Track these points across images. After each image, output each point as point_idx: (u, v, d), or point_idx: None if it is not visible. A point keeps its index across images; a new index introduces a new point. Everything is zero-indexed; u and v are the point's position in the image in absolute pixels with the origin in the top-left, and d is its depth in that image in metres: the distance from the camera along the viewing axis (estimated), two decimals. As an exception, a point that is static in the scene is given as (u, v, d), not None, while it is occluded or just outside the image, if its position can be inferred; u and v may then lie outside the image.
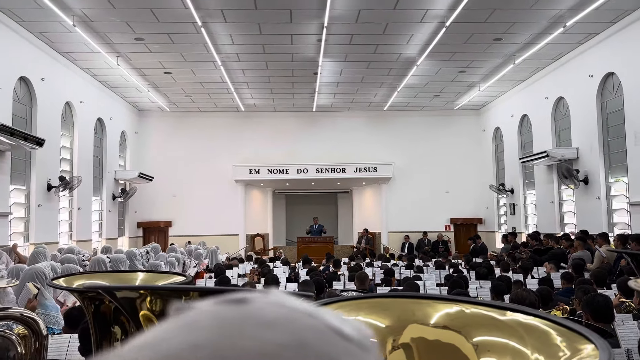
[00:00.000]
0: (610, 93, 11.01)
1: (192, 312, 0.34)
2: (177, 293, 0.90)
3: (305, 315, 0.33)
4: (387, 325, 0.70)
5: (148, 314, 0.88)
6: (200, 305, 0.34)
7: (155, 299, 0.88)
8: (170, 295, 0.90)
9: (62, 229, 12.39)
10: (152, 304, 0.88)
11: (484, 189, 17.17)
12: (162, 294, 0.90)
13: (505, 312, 0.65)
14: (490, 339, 0.63)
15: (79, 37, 10.43)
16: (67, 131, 12.68)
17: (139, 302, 0.89)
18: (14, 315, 2.05)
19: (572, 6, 9.34)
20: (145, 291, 0.90)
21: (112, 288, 1.00)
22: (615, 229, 10.77)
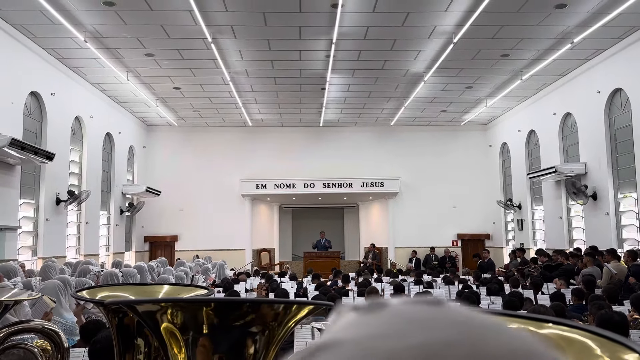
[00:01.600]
0: (618, 109, 11.01)
1: (398, 311, 0.33)
2: (198, 305, 0.90)
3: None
4: None
5: (170, 327, 0.89)
6: (402, 305, 0.34)
7: (176, 312, 0.88)
8: (191, 307, 0.90)
9: (70, 243, 12.42)
10: (173, 317, 0.88)
11: (491, 204, 17.11)
12: (183, 306, 0.90)
13: (544, 324, 0.62)
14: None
15: (89, 52, 10.55)
16: (76, 145, 12.77)
17: (160, 314, 0.90)
18: (35, 327, 2.06)
19: (580, 23, 9.39)
20: (167, 304, 0.91)
21: (134, 302, 1.00)
22: (625, 245, 10.69)
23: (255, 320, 0.85)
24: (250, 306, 0.85)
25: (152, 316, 0.88)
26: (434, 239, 17.18)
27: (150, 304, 0.88)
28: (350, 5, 8.66)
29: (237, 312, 0.84)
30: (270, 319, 0.86)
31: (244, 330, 0.85)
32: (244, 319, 0.84)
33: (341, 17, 8.97)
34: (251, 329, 0.86)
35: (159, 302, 0.89)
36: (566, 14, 9.04)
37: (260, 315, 0.85)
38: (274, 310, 0.86)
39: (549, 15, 9.06)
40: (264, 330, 0.86)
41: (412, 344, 0.29)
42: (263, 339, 0.87)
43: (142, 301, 0.98)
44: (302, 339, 4.18)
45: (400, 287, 8.00)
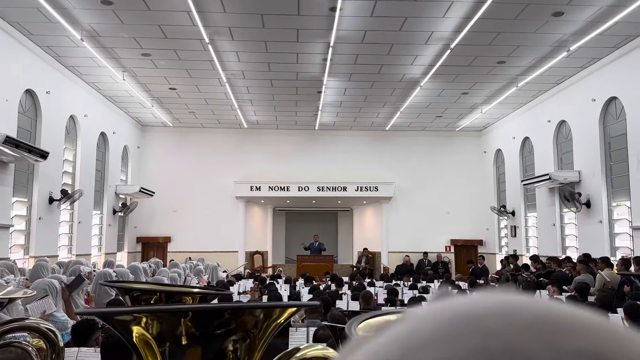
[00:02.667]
0: (613, 117, 11.07)
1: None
2: (175, 314, 0.85)
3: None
4: None
5: (146, 336, 0.84)
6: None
7: (152, 321, 0.84)
8: (168, 317, 0.85)
9: (62, 243, 12.33)
10: (148, 327, 0.84)
11: (485, 210, 17.16)
12: (160, 316, 0.86)
13: None
14: None
15: (86, 51, 10.50)
16: (70, 144, 12.69)
17: (134, 324, 0.84)
18: (31, 325, 2.02)
19: (576, 31, 9.45)
20: (140, 314, 0.86)
21: (110, 313, 0.95)
22: (618, 253, 10.74)
23: (236, 327, 0.81)
24: (231, 313, 0.81)
25: (125, 325, 0.83)
26: (427, 244, 17.19)
27: (126, 314, 0.84)
28: (349, 9, 8.67)
29: (217, 319, 0.80)
30: (252, 324, 0.82)
31: (224, 337, 0.81)
32: (225, 327, 0.81)
33: (339, 20, 8.98)
34: (232, 337, 0.82)
35: (132, 312, 0.84)
36: (563, 22, 9.10)
37: (241, 321, 0.82)
38: (255, 316, 0.83)
39: (545, 23, 9.11)
40: (245, 337, 0.82)
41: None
42: (245, 345, 0.83)
43: (119, 312, 0.93)
44: (296, 342, 4.16)
45: (394, 291, 7.99)
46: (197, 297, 1.39)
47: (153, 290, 1.42)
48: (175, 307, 1.03)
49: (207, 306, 0.86)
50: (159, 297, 1.42)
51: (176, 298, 1.40)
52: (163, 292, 1.41)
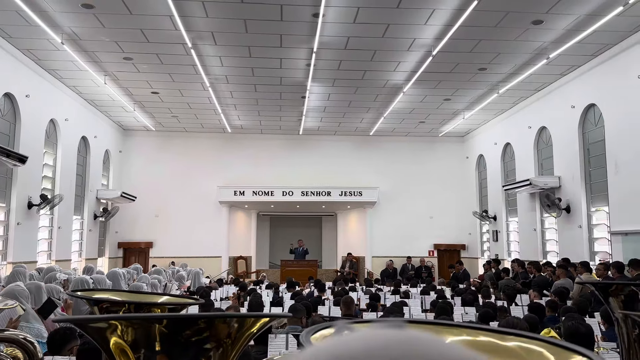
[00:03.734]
0: (592, 124, 11.25)
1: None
2: (150, 322, 0.86)
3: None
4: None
5: (121, 344, 0.85)
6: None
7: (127, 329, 0.84)
8: (143, 324, 0.86)
9: (42, 248, 12.15)
10: (124, 334, 0.84)
11: (467, 215, 17.30)
12: (135, 323, 0.86)
13: (506, 336, 0.69)
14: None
15: (66, 54, 10.39)
16: (50, 149, 12.53)
17: (110, 332, 0.85)
18: (11, 337, 1.99)
19: (556, 39, 9.60)
20: (116, 321, 0.86)
21: (84, 320, 0.95)
22: (597, 258, 10.90)
23: (209, 335, 0.82)
24: (205, 322, 0.82)
25: (101, 333, 0.83)
26: (410, 248, 17.27)
27: (102, 321, 0.84)
28: (332, 16, 8.71)
29: (191, 328, 0.81)
30: (225, 333, 0.83)
31: (199, 346, 0.82)
32: (199, 335, 0.81)
33: (322, 26, 9.01)
34: (206, 345, 0.82)
35: (108, 319, 0.85)
36: (542, 30, 9.23)
37: (215, 330, 0.83)
38: (229, 325, 0.84)
39: (525, 30, 9.24)
40: (218, 346, 0.83)
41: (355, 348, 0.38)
42: (218, 354, 0.84)
43: (94, 319, 0.93)
44: (275, 349, 4.15)
45: (376, 297, 8.01)
46: (167, 309, 1.39)
47: (122, 302, 1.40)
48: (150, 315, 1.03)
49: (181, 315, 0.87)
50: (128, 308, 1.41)
51: (145, 310, 1.39)
52: (132, 304, 1.40)
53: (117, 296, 1.46)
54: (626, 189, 9.80)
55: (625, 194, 9.84)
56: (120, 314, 1.41)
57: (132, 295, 1.46)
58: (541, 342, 0.66)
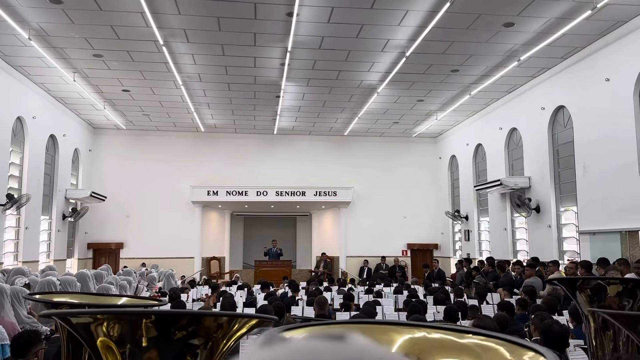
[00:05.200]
0: (561, 125, 11.49)
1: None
2: (137, 317, 0.85)
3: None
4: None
5: (106, 340, 0.84)
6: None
7: (113, 324, 0.83)
8: (130, 319, 0.85)
9: (8, 249, 11.81)
10: (110, 329, 0.83)
11: (440, 215, 17.48)
12: (122, 318, 0.85)
13: (464, 334, 0.72)
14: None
15: (34, 51, 10.13)
16: (17, 147, 12.20)
17: (96, 327, 0.84)
18: None
19: (526, 41, 9.76)
20: (103, 316, 0.85)
21: (70, 313, 0.93)
22: (565, 257, 11.13)
23: (197, 333, 0.81)
24: (192, 319, 0.81)
25: (87, 328, 0.83)
26: (384, 248, 17.37)
27: (87, 315, 0.83)
28: (306, 15, 8.68)
29: (178, 325, 0.80)
30: (214, 332, 0.83)
31: (184, 343, 0.81)
32: (186, 332, 0.81)
33: (296, 26, 8.98)
34: (192, 342, 0.82)
35: (96, 313, 0.83)
36: (513, 33, 9.38)
37: (203, 328, 0.82)
38: (218, 324, 0.83)
39: (497, 33, 9.38)
40: (206, 344, 0.83)
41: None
42: (205, 353, 0.83)
43: (81, 312, 0.92)
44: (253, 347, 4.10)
45: (350, 297, 8.02)
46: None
47: (81, 305, 1.36)
48: (138, 310, 1.02)
49: (168, 311, 0.86)
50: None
51: None
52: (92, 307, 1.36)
53: (78, 299, 1.41)
54: (594, 189, 10.03)
55: (593, 194, 10.07)
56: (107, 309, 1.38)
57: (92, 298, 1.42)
58: (497, 340, 0.69)
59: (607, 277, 5.28)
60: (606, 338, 1.19)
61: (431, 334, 0.74)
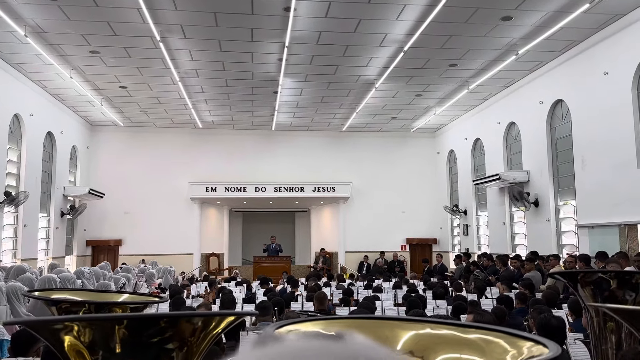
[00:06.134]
0: (560, 119, 11.48)
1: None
2: (109, 322, 0.82)
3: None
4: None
5: (78, 346, 0.80)
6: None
7: (84, 330, 0.80)
8: (102, 325, 0.81)
9: (6, 247, 11.79)
10: (80, 335, 0.80)
11: (438, 209, 17.49)
12: (93, 324, 0.82)
13: (468, 329, 0.74)
14: (453, 355, 0.72)
15: (30, 48, 10.08)
16: (14, 144, 12.16)
17: (65, 333, 0.80)
18: None
19: (524, 35, 9.74)
20: (71, 322, 0.81)
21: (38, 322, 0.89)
22: (564, 250, 11.14)
23: (173, 335, 0.79)
24: (168, 322, 0.78)
25: (56, 334, 0.79)
26: (383, 243, 17.38)
27: (58, 323, 0.79)
28: (303, 10, 8.65)
29: (153, 328, 0.77)
30: (189, 333, 0.80)
31: (160, 346, 0.78)
32: (161, 335, 0.78)
33: (294, 21, 8.94)
34: (169, 345, 0.79)
35: (64, 321, 0.80)
36: (511, 27, 9.36)
37: (178, 330, 0.79)
38: (193, 324, 0.80)
39: (495, 27, 9.35)
40: (182, 346, 0.80)
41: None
42: (181, 355, 0.80)
43: (49, 321, 0.88)
44: (247, 346, 4.10)
45: (349, 292, 8.02)
46: (128, 308, 1.34)
47: (81, 302, 1.35)
48: (109, 315, 0.98)
49: (141, 315, 0.82)
50: (88, 308, 1.35)
51: (106, 310, 1.34)
52: (92, 304, 1.35)
53: (77, 296, 1.40)
54: (593, 183, 10.03)
55: (591, 188, 10.07)
56: (80, 314, 1.36)
57: (92, 295, 1.41)
58: (499, 333, 0.71)
59: (608, 270, 5.28)
60: (608, 331, 1.18)
61: (435, 329, 0.74)
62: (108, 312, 1.35)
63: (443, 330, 0.74)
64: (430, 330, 0.75)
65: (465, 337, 0.72)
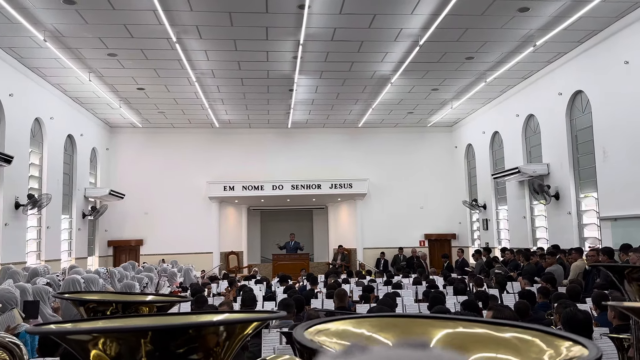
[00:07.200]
0: (579, 110, 11.31)
1: None
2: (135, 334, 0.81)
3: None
4: (393, 342, 0.74)
5: (103, 357, 0.80)
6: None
7: (110, 342, 0.79)
8: (127, 337, 0.80)
9: (30, 249, 12.02)
10: (105, 347, 0.79)
11: (457, 204, 17.36)
12: (118, 336, 0.80)
13: (502, 327, 0.72)
14: (488, 355, 0.70)
15: (49, 52, 10.24)
16: (36, 148, 12.37)
17: (92, 344, 0.79)
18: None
19: (542, 26, 9.61)
20: (99, 334, 0.80)
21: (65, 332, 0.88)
22: (586, 243, 10.99)
23: (199, 345, 0.78)
24: (194, 330, 0.77)
25: (83, 346, 0.78)
26: (401, 239, 17.32)
27: (84, 334, 0.79)
28: (317, 7, 8.64)
29: (179, 338, 0.77)
30: (214, 342, 0.79)
31: (186, 356, 0.77)
32: (187, 345, 0.77)
33: (308, 18, 8.94)
34: (194, 355, 0.78)
35: (90, 331, 0.80)
36: (529, 18, 9.24)
37: (205, 338, 0.78)
38: (218, 332, 0.79)
39: (512, 18, 9.24)
40: (208, 355, 0.79)
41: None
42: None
43: (75, 331, 0.88)
44: (269, 344, 4.13)
45: (369, 289, 8.01)
46: (155, 307, 1.35)
47: (109, 301, 1.37)
48: (135, 327, 0.98)
49: (167, 325, 0.81)
50: (115, 307, 1.37)
51: (133, 308, 1.35)
52: (119, 303, 1.37)
53: (105, 297, 1.42)
54: (614, 174, 9.87)
55: (613, 179, 9.91)
56: (107, 313, 1.38)
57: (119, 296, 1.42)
58: (534, 331, 0.69)
59: None
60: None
61: (468, 327, 0.73)
62: (135, 311, 1.36)
63: (476, 329, 0.73)
64: (462, 328, 0.74)
65: (499, 336, 0.70)
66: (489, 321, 0.74)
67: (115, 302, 1.39)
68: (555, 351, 0.64)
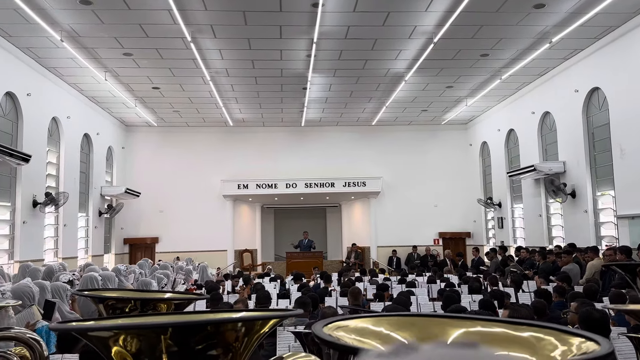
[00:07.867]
0: (596, 107, 11.17)
1: None
2: (155, 330, 0.82)
3: None
4: (409, 340, 0.74)
5: (124, 354, 0.81)
6: None
7: (131, 338, 0.80)
8: (147, 333, 0.81)
9: (48, 246, 12.19)
10: (126, 343, 0.80)
11: (471, 202, 17.25)
12: (139, 332, 0.82)
13: (520, 327, 0.73)
14: (504, 353, 0.71)
15: (66, 52, 10.36)
16: (53, 147, 12.54)
17: (113, 341, 0.81)
18: (16, 336, 1.98)
19: (558, 22, 9.50)
20: (119, 330, 0.82)
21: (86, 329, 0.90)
22: (603, 242, 10.86)
23: (219, 340, 0.79)
24: (214, 326, 0.78)
25: (104, 342, 0.80)
26: (415, 237, 17.26)
27: (105, 330, 0.80)
28: (331, 5, 8.64)
29: (198, 334, 0.78)
30: (234, 337, 0.80)
31: (206, 352, 0.78)
32: (207, 341, 0.78)
33: (322, 16, 8.94)
34: (213, 351, 0.79)
35: (111, 328, 0.81)
36: (544, 14, 9.14)
37: (223, 335, 0.79)
38: (238, 329, 0.80)
39: (527, 15, 9.15)
40: (227, 350, 0.80)
41: None
42: (228, 358, 0.81)
43: (96, 328, 0.89)
44: (284, 342, 4.14)
45: (384, 287, 8.00)
46: (173, 305, 1.37)
47: (127, 299, 1.39)
48: (155, 323, 1.00)
49: (188, 321, 0.82)
50: (134, 304, 1.39)
51: (151, 305, 1.37)
52: (138, 300, 1.39)
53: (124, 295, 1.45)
54: (632, 172, 9.74)
55: (631, 177, 9.78)
56: (126, 311, 1.40)
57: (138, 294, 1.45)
58: (551, 330, 0.70)
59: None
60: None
61: (486, 327, 0.74)
62: (153, 308, 1.38)
63: (495, 328, 0.73)
64: (481, 328, 0.74)
65: (517, 335, 0.71)
66: (507, 320, 0.75)
67: (134, 300, 1.41)
68: (569, 348, 0.66)
